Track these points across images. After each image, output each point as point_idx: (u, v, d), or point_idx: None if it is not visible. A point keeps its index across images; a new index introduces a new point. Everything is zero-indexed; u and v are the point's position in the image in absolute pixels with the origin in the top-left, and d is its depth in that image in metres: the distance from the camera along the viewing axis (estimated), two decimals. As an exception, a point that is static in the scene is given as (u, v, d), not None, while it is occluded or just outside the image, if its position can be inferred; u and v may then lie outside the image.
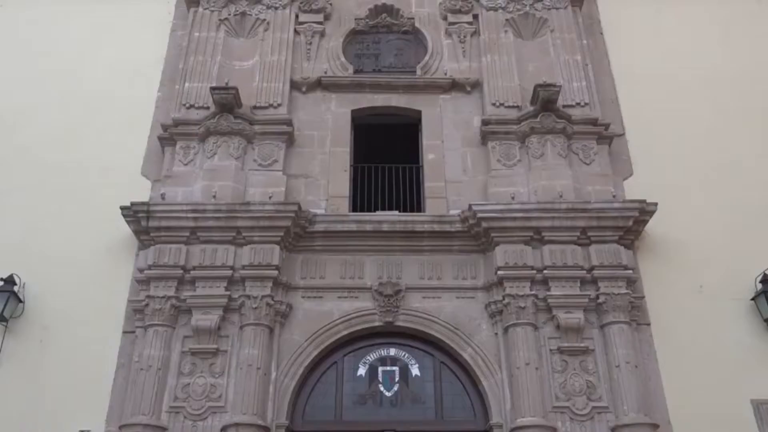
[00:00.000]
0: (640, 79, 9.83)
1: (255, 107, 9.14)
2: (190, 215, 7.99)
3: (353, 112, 9.50)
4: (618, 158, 9.13)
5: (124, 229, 8.23)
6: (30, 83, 9.82)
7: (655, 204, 8.15)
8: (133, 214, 8.04)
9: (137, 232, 8.18)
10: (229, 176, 8.47)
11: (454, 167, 9.01)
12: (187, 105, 9.17)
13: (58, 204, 8.75)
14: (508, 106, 9.21)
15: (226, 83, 8.93)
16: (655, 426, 7.16)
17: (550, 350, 7.61)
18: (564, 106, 9.05)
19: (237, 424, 7.07)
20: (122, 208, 8.07)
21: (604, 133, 9.02)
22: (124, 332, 7.86)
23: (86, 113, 9.52)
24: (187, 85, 9.32)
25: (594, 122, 9.03)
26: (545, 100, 8.78)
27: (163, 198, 8.30)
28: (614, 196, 8.37)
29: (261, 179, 8.60)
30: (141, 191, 8.64)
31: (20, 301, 8.00)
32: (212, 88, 8.81)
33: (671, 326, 7.93)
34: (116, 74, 9.84)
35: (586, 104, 9.24)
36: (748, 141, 9.36)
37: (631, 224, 8.10)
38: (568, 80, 9.42)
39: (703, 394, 7.55)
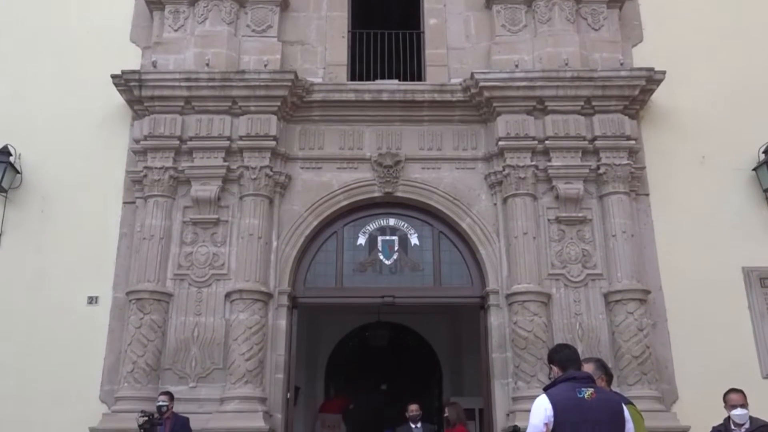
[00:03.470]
0: (657, -65, 9.18)
1: (246, -33, 8.60)
2: (183, 84, 7.75)
3: (350, -28, 8.96)
4: (628, 23, 8.72)
5: (117, 98, 8.01)
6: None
7: (663, 72, 7.88)
8: (125, 83, 7.79)
9: (130, 102, 7.97)
10: (222, 43, 8.12)
11: (457, 33, 8.62)
12: (174, -36, 8.62)
13: (47, 72, 8.46)
14: (515, -35, 8.67)
15: (214, -60, 8.34)
16: (647, 292, 7.36)
17: (548, 220, 7.67)
18: (574, -35, 8.52)
19: (241, 290, 7.25)
20: (113, 77, 7.81)
21: (615, -4, 8.57)
22: (125, 203, 7.88)
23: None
24: (172, -58, 8.70)
25: (605, -17, 8.54)
26: (555, -41, 8.25)
27: (154, 66, 8.01)
28: (622, 64, 8.08)
29: (255, 46, 8.25)
30: (131, 59, 8.32)
31: (17, 171, 7.95)
32: (199, -54, 8.26)
33: (670, 196, 7.94)
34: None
35: (597, -37, 8.69)
36: (762, 12, 8.88)
37: (637, 93, 7.87)
38: (579, -64, 8.79)
39: (696, 261, 7.69)
